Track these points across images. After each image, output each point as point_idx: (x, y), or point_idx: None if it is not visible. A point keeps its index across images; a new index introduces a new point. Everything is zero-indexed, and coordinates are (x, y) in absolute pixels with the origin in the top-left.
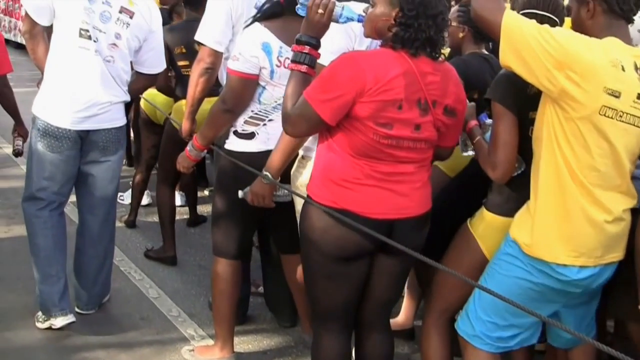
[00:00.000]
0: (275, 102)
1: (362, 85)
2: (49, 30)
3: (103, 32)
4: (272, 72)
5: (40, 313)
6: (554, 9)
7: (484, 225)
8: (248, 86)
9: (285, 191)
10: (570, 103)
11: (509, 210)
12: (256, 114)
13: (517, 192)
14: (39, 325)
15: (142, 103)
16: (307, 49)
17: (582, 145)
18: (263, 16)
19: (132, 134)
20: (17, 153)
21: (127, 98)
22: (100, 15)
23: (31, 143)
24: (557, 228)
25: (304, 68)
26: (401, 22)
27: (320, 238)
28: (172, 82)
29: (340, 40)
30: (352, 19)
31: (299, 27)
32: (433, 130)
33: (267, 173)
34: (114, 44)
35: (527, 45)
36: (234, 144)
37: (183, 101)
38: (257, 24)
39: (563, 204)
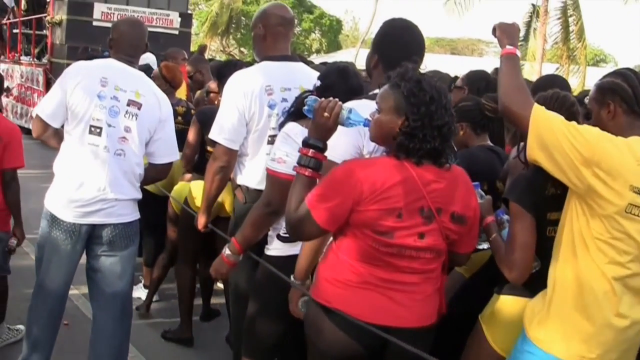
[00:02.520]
0: None
1: (359, 194)
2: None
3: (113, 126)
4: None
5: None
6: (559, 105)
7: (493, 310)
8: None
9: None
10: (597, 200)
11: (519, 291)
12: None
13: (531, 288)
14: None
15: (170, 199)
16: (311, 152)
17: (608, 242)
18: (296, 112)
19: None
20: (9, 251)
21: (137, 196)
22: (109, 111)
23: (41, 232)
24: (575, 325)
25: (307, 172)
26: (406, 131)
27: (315, 336)
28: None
29: (345, 144)
30: (358, 124)
31: None
32: (440, 239)
33: (294, 279)
34: (124, 138)
35: (555, 140)
36: (278, 248)
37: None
38: (295, 124)
39: (582, 301)
